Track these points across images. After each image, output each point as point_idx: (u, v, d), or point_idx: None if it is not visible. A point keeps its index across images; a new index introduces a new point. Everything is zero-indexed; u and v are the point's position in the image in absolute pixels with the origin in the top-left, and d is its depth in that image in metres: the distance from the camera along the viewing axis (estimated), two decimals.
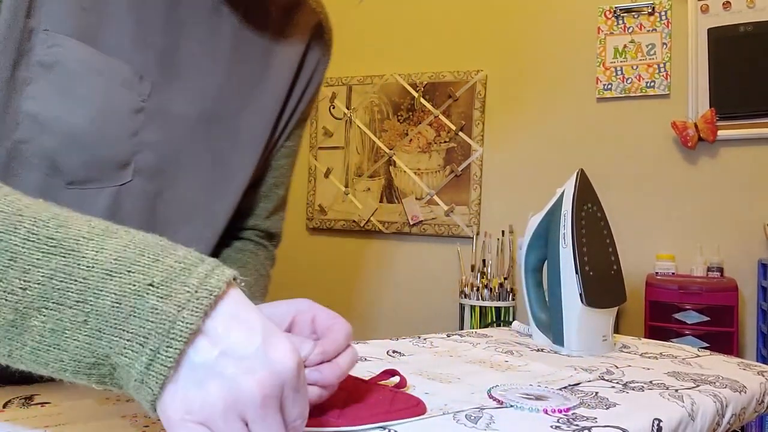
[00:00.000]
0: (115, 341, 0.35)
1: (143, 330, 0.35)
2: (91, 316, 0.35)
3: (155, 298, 0.35)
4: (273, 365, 0.36)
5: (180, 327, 0.35)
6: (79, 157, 0.54)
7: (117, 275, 0.36)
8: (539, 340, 0.95)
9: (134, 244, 0.37)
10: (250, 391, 0.35)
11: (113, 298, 0.35)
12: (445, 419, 0.52)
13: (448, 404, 0.55)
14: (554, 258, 0.90)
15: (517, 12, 2.76)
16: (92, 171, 0.55)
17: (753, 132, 2.36)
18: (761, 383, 0.75)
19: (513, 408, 0.56)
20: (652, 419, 0.56)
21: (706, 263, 2.35)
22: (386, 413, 0.50)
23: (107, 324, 0.35)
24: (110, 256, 0.36)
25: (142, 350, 0.34)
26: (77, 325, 0.35)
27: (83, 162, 0.54)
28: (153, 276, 0.36)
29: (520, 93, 2.74)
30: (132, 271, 0.36)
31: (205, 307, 0.36)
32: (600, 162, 2.55)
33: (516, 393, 0.60)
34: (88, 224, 0.38)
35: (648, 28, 2.54)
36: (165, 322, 0.35)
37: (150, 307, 0.35)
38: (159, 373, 0.34)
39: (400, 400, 0.53)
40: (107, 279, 0.35)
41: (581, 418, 0.54)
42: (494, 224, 2.72)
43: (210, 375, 0.35)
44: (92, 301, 0.35)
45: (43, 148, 0.52)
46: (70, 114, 0.52)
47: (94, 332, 0.35)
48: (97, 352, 0.35)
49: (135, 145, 0.57)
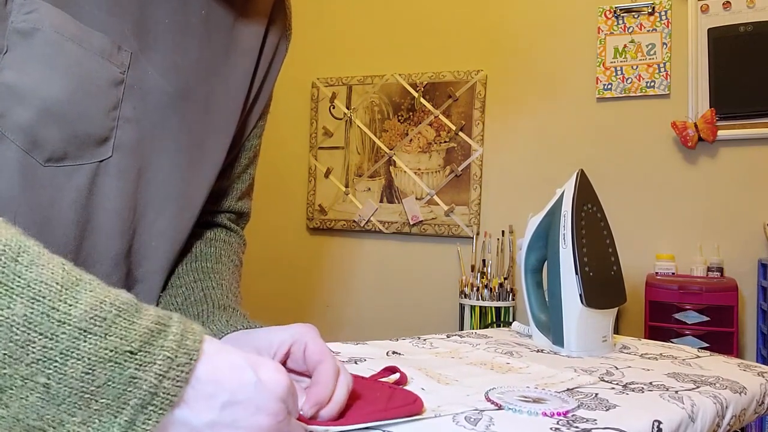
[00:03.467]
0: (76, 409, 0.31)
1: (118, 401, 0.32)
2: (53, 379, 0.31)
3: (134, 367, 0.32)
4: (273, 392, 0.36)
5: (161, 398, 0.33)
6: (57, 131, 0.51)
7: (92, 337, 0.32)
8: (539, 341, 0.95)
9: (110, 300, 0.34)
10: (267, 426, 0.36)
11: (85, 364, 0.31)
12: (445, 421, 0.52)
13: (441, 405, 0.55)
14: (554, 258, 0.90)
15: (517, 12, 2.76)
16: (71, 146, 0.52)
17: (753, 132, 2.36)
18: (761, 384, 0.75)
19: (511, 411, 0.56)
20: (652, 421, 0.55)
21: (706, 263, 2.35)
22: (383, 410, 0.50)
23: (73, 390, 0.31)
24: (85, 312, 0.32)
25: (114, 420, 0.32)
26: (32, 386, 0.30)
27: (62, 136, 0.51)
28: (132, 341, 0.33)
29: (520, 93, 2.74)
30: (110, 334, 0.32)
31: (186, 375, 0.34)
32: (600, 162, 2.55)
33: (514, 396, 0.60)
34: (62, 268, 0.33)
35: (648, 28, 2.54)
36: (145, 393, 0.32)
37: (129, 376, 0.32)
38: None
39: (398, 397, 0.53)
40: (80, 340, 0.32)
41: (581, 420, 0.54)
42: (494, 224, 2.72)
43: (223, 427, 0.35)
44: (59, 364, 0.31)
45: (20, 121, 0.49)
46: (48, 85, 0.50)
47: (53, 397, 0.31)
48: (47, 417, 0.31)
49: (114, 120, 0.54)
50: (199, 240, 0.72)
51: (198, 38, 0.62)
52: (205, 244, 0.72)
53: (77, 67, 0.51)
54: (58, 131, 0.51)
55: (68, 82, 0.51)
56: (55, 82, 0.50)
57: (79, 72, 0.51)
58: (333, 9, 3.10)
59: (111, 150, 0.55)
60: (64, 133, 0.52)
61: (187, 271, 0.67)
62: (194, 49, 0.62)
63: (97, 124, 0.53)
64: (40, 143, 0.51)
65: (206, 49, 0.63)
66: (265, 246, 3.03)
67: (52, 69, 0.50)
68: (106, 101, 0.54)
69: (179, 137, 0.61)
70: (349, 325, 2.93)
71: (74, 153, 0.53)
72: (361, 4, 3.05)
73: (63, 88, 0.51)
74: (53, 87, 0.50)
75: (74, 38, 0.51)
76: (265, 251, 3.03)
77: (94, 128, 0.53)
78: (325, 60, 3.09)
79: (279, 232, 3.12)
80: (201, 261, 0.69)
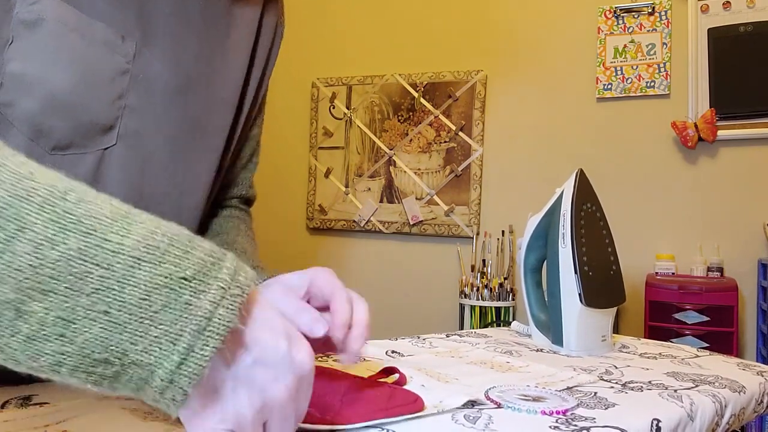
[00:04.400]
0: (139, 337, 0.32)
1: (175, 326, 0.32)
2: (113, 307, 0.31)
3: (189, 292, 0.33)
4: (297, 369, 0.37)
5: (216, 324, 0.33)
6: (62, 120, 0.52)
7: (147, 264, 0.32)
8: (538, 341, 0.95)
9: (161, 231, 0.34)
10: (279, 396, 0.36)
11: (142, 290, 0.32)
12: (444, 419, 0.52)
13: (443, 401, 0.55)
14: (553, 258, 0.90)
15: (517, 12, 2.76)
16: (76, 135, 0.53)
17: (753, 132, 2.36)
18: (760, 383, 0.75)
19: (511, 410, 0.56)
20: (651, 419, 0.56)
21: (706, 263, 2.35)
22: (384, 410, 0.50)
23: (132, 317, 0.31)
24: (138, 242, 0.33)
25: (173, 348, 0.32)
26: (93, 316, 0.31)
27: (67, 125, 0.52)
28: (185, 269, 0.33)
29: (520, 93, 2.74)
30: (164, 262, 0.33)
31: (239, 305, 0.34)
32: (600, 162, 2.55)
33: (513, 394, 0.60)
34: (110, 203, 0.34)
35: (648, 28, 2.54)
36: (200, 317, 0.33)
37: (184, 302, 0.32)
38: (193, 372, 0.32)
39: (398, 397, 0.53)
40: (135, 268, 0.32)
41: (580, 419, 0.54)
42: (494, 224, 2.72)
43: (241, 382, 0.35)
44: (117, 291, 0.31)
45: (26, 110, 0.50)
46: (53, 75, 0.51)
47: (115, 325, 0.31)
48: (111, 348, 0.31)
49: (119, 109, 0.55)
50: (216, 218, 0.75)
51: (196, 29, 0.63)
52: (224, 220, 0.76)
53: (81, 57, 0.52)
54: (63, 120, 0.52)
55: (72, 72, 0.51)
56: (60, 73, 0.51)
57: (83, 62, 0.52)
58: (333, 9, 3.10)
59: (115, 138, 0.56)
60: (70, 123, 0.52)
61: None
62: (193, 40, 0.62)
63: (102, 114, 0.54)
64: (45, 132, 0.51)
65: (204, 40, 0.64)
66: (265, 246, 3.02)
67: (57, 59, 0.51)
68: (111, 91, 0.54)
69: (181, 126, 0.62)
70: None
71: (79, 141, 0.53)
72: (361, 4, 3.05)
73: (67, 79, 0.51)
74: (58, 77, 0.51)
75: (78, 29, 0.52)
76: (265, 251, 3.02)
77: (99, 117, 0.54)
78: (325, 60, 3.09)
79: (279, 232, 3.12)
80: (223, 235, 0.72)
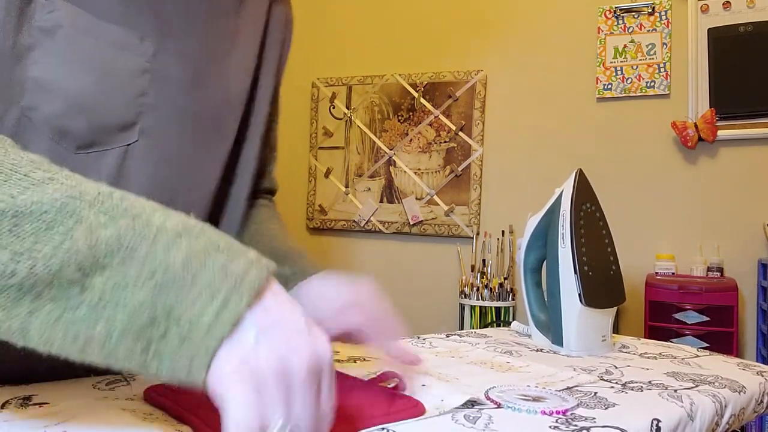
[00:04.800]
0: (183, 293, 0.36)
1: (214, 283, 0.37)
2: (159, 270, 0.36)
3: (224, 258, 0.38)
4: (316, 348, 0.39)
5: (249, 282, 0.38)
6: (85, 121, 0.55)
7: (186, 237, 0.38)
8: (538, 341, 0.95)
9: (193, 220, 0.40)
10: (298, 365, 0.37)
11: (183, 255, 0.37)
12: (444, 419, 0.52)
13: (444, 399, 0.55)
14: (553, 258, 0.90)
15: (517, 12, 2.76)
16: (99, 134, 0.56)
17: (753, 132, 2.36)
18: (760, 383, 0.75)
19: (511, 410, 0.56)
20: (651, 419, 0.56)
21: (706, 263, 2.35)
22: (385, 415, 0.50)
23: (176, 277, 0.36)
24: (177, 224, 0.39)
25: (212, 301, 0.36)
26: (143, 280, 0.36)
27: (90, 126, 0.55)
28: (218, 242, 0.39)
29: (520, 93, 2.74)
30: (200, 236, 0.39)
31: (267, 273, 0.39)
32: (600, 162, 2.55)
33: (513, 394, 0.60)
34: (146, 200, 0.40)
35: (648, 28, 2.54)
36: (234, 277, 0.37)
37: (220, 265, 0.38)
38: (229, 320, 0.36)
39: (399, 402, 0.53)
40: (177, 238, 0.38)
41: (580, 419, 0.54)
42: (494, 224, 2.72)
43: (263, 339, 0.37)
44: (161, 257, 0.37)
45: (49, 113, 0.53)
46: (74, 78, 0.53)
47: (161, 286, 0.36)
48: (157, 307, 0.36)
49: (140, 106, 0.58)
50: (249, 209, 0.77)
51: (206, 26, 0.65)
52: (256, 209, 0.79)
53: (100, 60, 0.55)
54: (85, 121, 0.54)
55: (91, 74, 0.54)
56: (80, 76, 0.53)
57: (101, 64, 0.55)
58: (333, 9, 3.10)
59: (137, 134, 0.58)
60: (92, 123, 0.55)
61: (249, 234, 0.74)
62: (204, 37, 0.64)
63: (123, 112, 0.57)
64: (69, 133, 0.54)
65: (214, 36, 0.66)
66: None
67: (75, 63, 0.53)
68: (131, 90, 0.57)
69: (196, 120, 0.64)
70: None
71: (102, 139, 0.56)
72: (361, 4, 3.05)
73: (87, 81, 0.54)
74: (78, 80, 0.53)
75: (94, 33, 0.54)
76: None
77: (120, 116, 0.57)
78: (325, 60, 3.09)
79: None
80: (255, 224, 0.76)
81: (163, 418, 0.48)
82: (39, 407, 0.50)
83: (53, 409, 0.50)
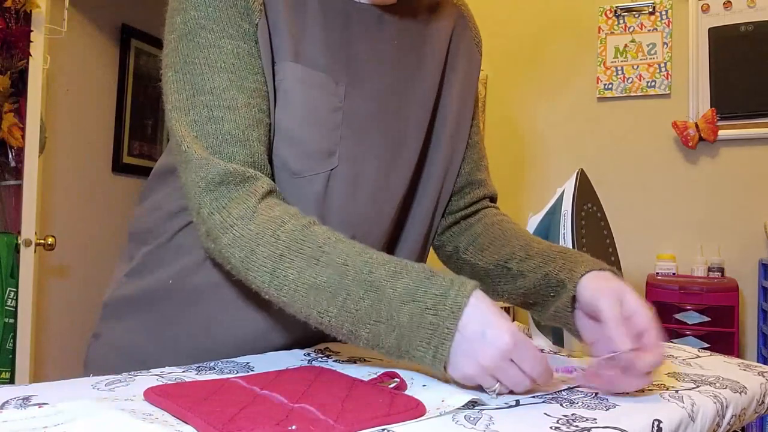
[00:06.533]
0: (410, 342, 0.57)
1: (426, 335, 0.56)
2: (396, 328, 0.57)
3: (430, 316, 0.56)
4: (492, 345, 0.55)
5: (446, 331, 0.56)
6: (296, 151, 0.68)
7: (408, 303, 0.57)
8: (539, 341, 0.95)
9: (413, 280, 0.58)
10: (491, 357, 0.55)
11: (408, 317, 0.56)
12: (445, 419, 0.52)
13: (446, 399, 0.55)
14: None
15: (518, 12, 2.76)
16: (308, 160, 0.69)
17: (753, 132, 2.36)
18: (762, 384, 0.75)
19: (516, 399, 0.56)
20: (652, 420, 0.55)
21: (707, 263, 2.35)
22: (385, 416, 0.50)
23: (405, 332, 0.56)
24: (402, 291, 0.57)
25: (428, 348, 0.56)
26: (388, 334, 0.57)
27: (299, 154, 0.68)
28: (426, 302, 0.56)
29: (520, 93, 2.74)
30: (415, 300, 0.56)
31: (456, 317, 0.56)
32: (600, 162, 2.55)
33: None
34: (385, 267, 0.58)
35: (649, 27, 2.54)
36: (439, 329, 0.56)
37: (428, 322, 0.56)
38: (441, 359, 0.56)
39: (399, 403, 0.53)
40: (402, 305, 0.57)
41: (581, 419, 0.54)
42: None
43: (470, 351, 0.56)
44: (396, 319, 0.57)
45: (276, 148, 0.68)
46: (289, 119, 0.68)
47: (398, 337, 0.57)
48: (400, 349, 0.57)
49: (337, 137, 0.71)
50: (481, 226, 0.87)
51: (391, 63, 0.77)
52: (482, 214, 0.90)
53: (306, 101, 0.69)
54: (296, 151, 0.68)
55: (300, 114, 0.68)
56: (291, 117, 0.68)
57: (308, 105, 0.69)
58: None
59: (337, 160, 0.71)
60: (301, 152, 0.69)
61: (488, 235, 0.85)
62: (388, 73, 0.76)
63: (323, 142, 0.70)
64: (287, 162, 0.69)
65: (397, 71, 0.77)
66: None
67: (290, 107, 0.68)
68: (329, 125, 0.70)
69: (380, 146, 0.76)
70: None
71: (311, 166, 0.69)
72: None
73: (296, 119, 0.68)
74: (291, 120, 0.68)
75: (307, 82, 0.69)
76: None
77: (322, 145, 0.70)
78: None
79: None
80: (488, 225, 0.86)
81: (163, 418, 0.48)
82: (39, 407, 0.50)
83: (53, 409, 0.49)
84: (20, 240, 1.76)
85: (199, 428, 0.45)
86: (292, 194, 0.68)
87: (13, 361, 1.74)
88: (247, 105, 0.65)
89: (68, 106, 2.58)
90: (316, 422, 0.47)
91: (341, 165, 0.71)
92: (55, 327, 2.49)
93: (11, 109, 1.74)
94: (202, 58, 0.64)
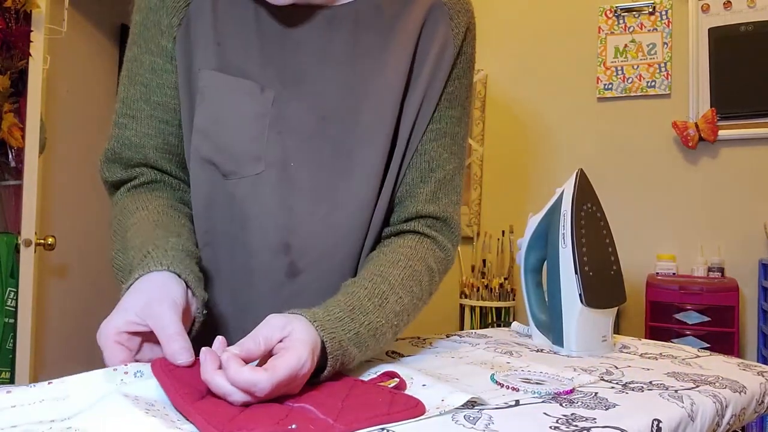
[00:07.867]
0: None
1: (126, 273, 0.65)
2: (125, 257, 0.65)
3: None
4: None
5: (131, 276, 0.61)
6: (224, 154, 0.71)
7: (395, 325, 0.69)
8: (539, 341, 0.95)
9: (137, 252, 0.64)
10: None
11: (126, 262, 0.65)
12: (444, 419, 0.52)
13: (445, 399, 0.55)
14: (554, 258, 0.90)
15: (518, 11, 2.76)
16: (234, 164, 0.71)
17: (754, 132, 2.36)
18: (761, 384, 0.75)
19: (531, 394, 0.56)
20: (651, 420, 0.55)
21: (707, 263, 2.35)
22: (385, 415, 0.50)
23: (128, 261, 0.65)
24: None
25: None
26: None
27: (227, 157, 0.71)
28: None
29: (520, 93, 2.74)
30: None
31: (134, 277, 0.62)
32: (600, 162, 2.55)
33: (517, 378, 0.63)
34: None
35: (649, 27, 2.54)
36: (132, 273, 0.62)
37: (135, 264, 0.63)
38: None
39: (399, 402, 0.53)
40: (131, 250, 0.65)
41: (580, 419, 0.54)
42: (494, 224, 2.72)
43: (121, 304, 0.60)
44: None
45: (204, 151, 0.72)
46: (216, 124, 0.71)
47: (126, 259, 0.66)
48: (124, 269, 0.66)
49: (263, 143, 0.71)
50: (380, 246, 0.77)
51: (342, 66, 0.74)
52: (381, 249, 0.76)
53: (232, 108, 0.71)
54: (224, 154, 0.71)
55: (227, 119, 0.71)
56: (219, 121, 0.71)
57: (233, 112, 0.71)
58: None
59: (263, 165, 0.71)
60: (229, 155, 0.71)
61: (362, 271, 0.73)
62: (337, 76, 0.74)
63: (249, 147, 0.71)
64: (216, 164, 0.72)
65: (351, 73, 0.74)
66: None
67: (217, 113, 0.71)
68: (254, 130, 0.71)
69: (322, 151, 0.73)
70: None
71: (237, 169, 0.71)
72: None
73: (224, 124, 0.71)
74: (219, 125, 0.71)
75: (229, 89, 0.71)
76: None
77: (248, 150, 0.71)
78: None
79: None
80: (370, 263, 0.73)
81: (164, 411, 0.48)
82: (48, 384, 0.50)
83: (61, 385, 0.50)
84: (20, 240, 1.76)
85: (201, 427, 0.45)
86: (225, 195, 0.72)
87: (13, 361, 1.74)
88: (150, 117, 0.74)
89: (68, 106, 2.58)
90: (316, 422, 0.47)
91: (268, 170, 0.71)
92: (55, 327, 2.49)
93: (11, 109, 1.74)
94: (126, 70, 0.76)
